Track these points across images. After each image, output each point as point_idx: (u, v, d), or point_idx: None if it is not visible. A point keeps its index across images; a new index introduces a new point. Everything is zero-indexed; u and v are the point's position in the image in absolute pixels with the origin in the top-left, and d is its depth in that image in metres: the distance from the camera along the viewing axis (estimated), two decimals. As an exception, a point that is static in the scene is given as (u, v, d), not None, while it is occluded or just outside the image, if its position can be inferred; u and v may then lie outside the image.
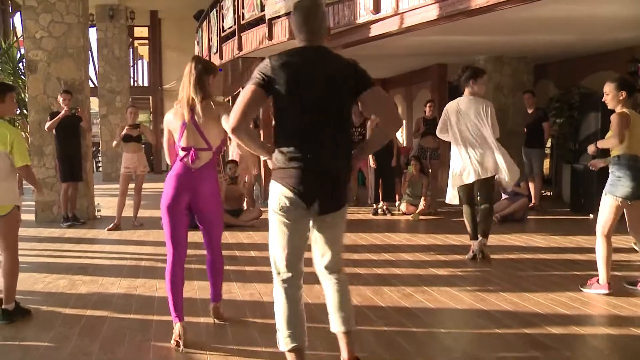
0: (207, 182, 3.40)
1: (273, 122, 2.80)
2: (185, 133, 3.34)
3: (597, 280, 4.27)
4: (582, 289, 4.34)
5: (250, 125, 2.68)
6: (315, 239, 2.78)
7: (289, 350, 2.72)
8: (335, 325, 2.79)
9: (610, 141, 4.24)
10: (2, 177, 3.90)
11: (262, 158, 3.32)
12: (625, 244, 5.34)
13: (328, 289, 2.81)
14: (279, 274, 2.75)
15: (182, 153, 3.37)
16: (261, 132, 9.50)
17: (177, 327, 3.33)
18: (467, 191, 5.24)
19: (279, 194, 2.66)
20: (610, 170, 4.29)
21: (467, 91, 5.18)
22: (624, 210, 4.24)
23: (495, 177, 5.25)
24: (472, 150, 5.10)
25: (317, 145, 2.63)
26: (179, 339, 3.30)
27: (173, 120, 3.41)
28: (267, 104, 2.68)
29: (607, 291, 4.18)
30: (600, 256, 4.25)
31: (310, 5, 2.73)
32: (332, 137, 2.67)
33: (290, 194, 2.64)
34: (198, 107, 3.30)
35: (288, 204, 2.65)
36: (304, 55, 2.71)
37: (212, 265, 3.67)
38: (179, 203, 3.35)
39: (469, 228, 5.31)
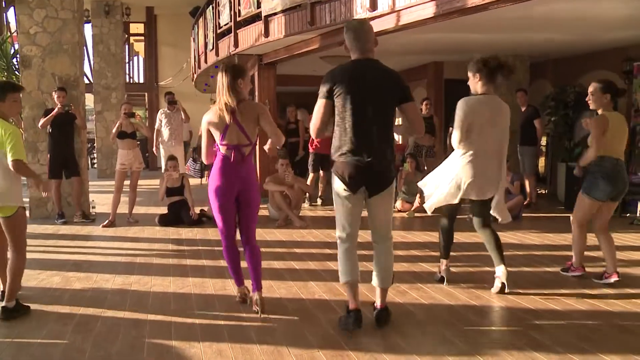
0: (248, 172, 3.83)
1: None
2: (229, 133, 3.72)
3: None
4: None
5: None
6: (368, 214, 3.53)
7: (344, 283, 3.56)
8: (375, 281, 3.61)
9: (589, 157, 4.37)
10: (7, 178, 3.87)
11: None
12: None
13: (375, 251, 3.62)
14: (339, 233, 3.53)
15: (227, 151, 3.73)
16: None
17: (238, 290, 4.07)
18: (453, 205, 4.30)
19: (335, 179, 3.42)
20: (589, 170, 4.36)
21: (484, 88, 4.08)
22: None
23: None
24: (483, 164, 4.07)
25: (362, 141, 3.29)
26: (244, 297, 4.02)
27: (215, 121, 3.73)
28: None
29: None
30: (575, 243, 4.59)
31: (358, 25, 3.42)
32: (376, 135, 3.30)
33: (339, 181, 3.40)
34: (237, 110, 3.68)
35: (340, 188, 3.41)
36: (355, 67, 3.37)
37: (250, 256, 3.85)
38: (227, 193, 3.78)
39: (441, 243, 4.49)
